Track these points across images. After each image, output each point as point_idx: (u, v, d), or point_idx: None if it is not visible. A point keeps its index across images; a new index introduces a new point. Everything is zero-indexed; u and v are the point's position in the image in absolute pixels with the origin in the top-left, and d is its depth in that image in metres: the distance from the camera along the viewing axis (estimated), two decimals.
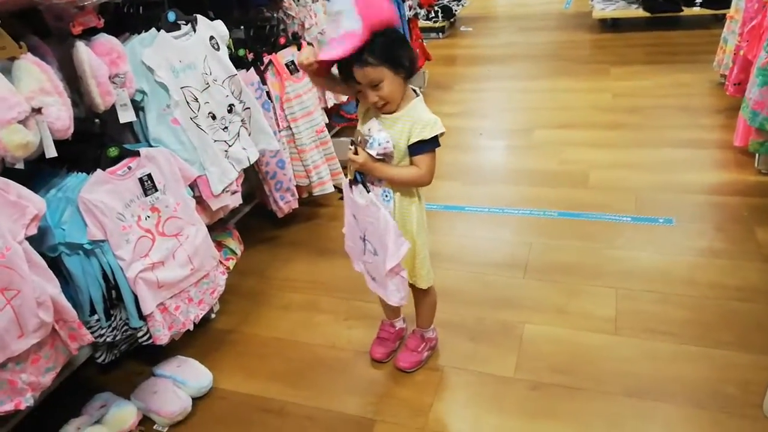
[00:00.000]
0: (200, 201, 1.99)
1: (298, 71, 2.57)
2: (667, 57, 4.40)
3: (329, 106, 2.93)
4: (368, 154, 1.47)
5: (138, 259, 1.65)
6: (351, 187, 1.58)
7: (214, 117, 1.97)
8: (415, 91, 1.55)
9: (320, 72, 1.49)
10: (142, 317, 1.69)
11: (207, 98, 1.94)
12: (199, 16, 1.95)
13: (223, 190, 2.01)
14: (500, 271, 2.22)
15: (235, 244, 2.42)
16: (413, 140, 1.49)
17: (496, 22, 6.71)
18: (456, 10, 6.12)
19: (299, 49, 2.59)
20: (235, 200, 2.11)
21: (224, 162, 2.01)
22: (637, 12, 5.22)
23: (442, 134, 1.48)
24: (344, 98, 3.05)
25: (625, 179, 2.78)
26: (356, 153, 1.49)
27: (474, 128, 3.57)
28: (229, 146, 2.04)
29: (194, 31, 1.91)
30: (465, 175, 3.03)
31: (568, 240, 2.38)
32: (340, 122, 3.27)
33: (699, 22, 5.08)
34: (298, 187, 2.67)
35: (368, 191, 1.53)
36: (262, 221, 2.74)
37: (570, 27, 5.79)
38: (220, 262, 2.13)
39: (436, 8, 5.79)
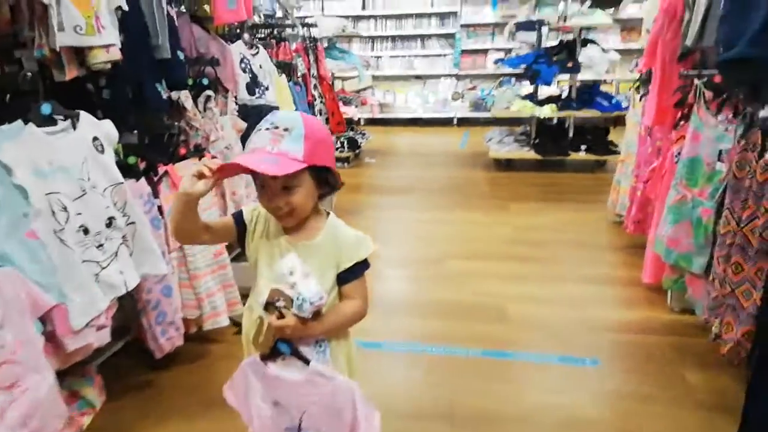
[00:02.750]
0: (53, 337, 1.55)
1: None
2: (561, 196, 4.64)
3: None
4: (297, 316, 1.16)
5: None
6: (266, 362, 1.24)
7: (86, 231, 1.60)
8: (327, 212, 1.32)
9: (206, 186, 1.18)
10: None
11: (80, 208, 1.58)
12: (83, 113, 1.64)
13: (87, 323, 1.58)
14: (427, 424, 1.91)
15: (94, 394, 1.92)
16: (344, 266, 1.23)
17: (397, 156, 6.92)
18: (361, 143, 6.26)
19: None
20: (102, 338, 1.68)
21: (93, 288, 1.61)
22: (528, 154, 5.60)
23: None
24: None
25: (543, 315, 2.66)
26: (280, 315, 1.16)
27: (384, 256, 3.39)
28: (102, 268, 1.65)
29: (74, 128, 1.60)
30: (379, 306, 2.77)
31: (494, 383, 2.14)
32: None
33: (583, 166, 5.52)
34: (185, 320, 2.25)
35: (307, 362, 1.20)
36: (135, 361, 2.25)
37: (468, 165, 6.06)
38: (72, 419, 1.65)
39: (342, 139, 5.87)
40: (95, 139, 1.65)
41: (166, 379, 2.23)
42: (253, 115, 2.86)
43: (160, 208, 2.13)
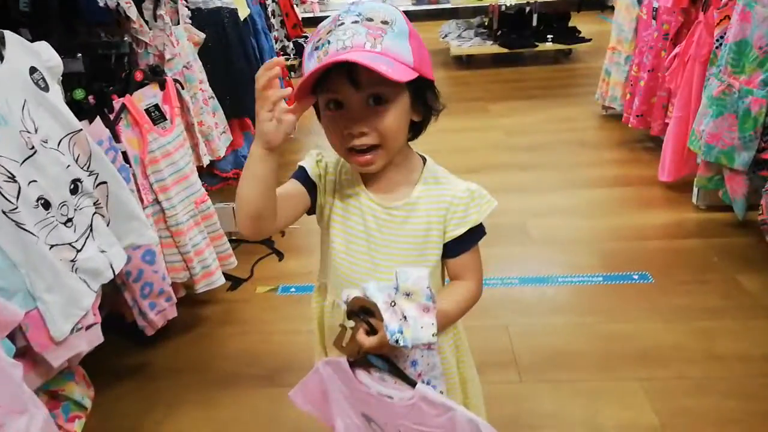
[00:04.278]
0: (28, 352, 1.13)
1: (164, 119, 1.78)
2: (539, 92, 4.33)
3: (205, 165, 2.14)
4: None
5: None
6: (354, 369, 0.88)
7: (47, 205, 1.13)
8: (423, 157, 0.94)
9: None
10: None
11: (33, 174, 1.11)
12: (8, 34, 1.11)
13: (73, 329, 1.16)
14: (493, 373, 1.66)
15: (80, 391, 1.51)
16: (453, 234, 0.88)
17: None
18: None
19: (162, 89, 1.81)
20: (93, 339, 1.27)
21: (70, 280, 1.17)
22: (493, 48, 5.19)
23: None
24: (221, 153, 2.29)
25: (567, 228, 2.44)
26: (369, 329, 0.79)
27: None
28: (78, 251, 1.21)
29: (0, 58, 1.08)
30: None
31: (546, 317, 1.91)
32: (213, 184, 2.47)
33: (547, 57, 5.20)
34: (173, 285, 1.84)
35: (412, 383, 0.84)
36: (118, 342, 1.84)
37: None
38: (60, 428, 1.30)
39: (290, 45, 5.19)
40: (33, 70, 1.13)
41: (160, 358, 1.86)
42: (210, 23, 2.29)
43: (124, 155, 1.64)
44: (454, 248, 0.90)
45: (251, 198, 0.78)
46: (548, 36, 5.04)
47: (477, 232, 0.90)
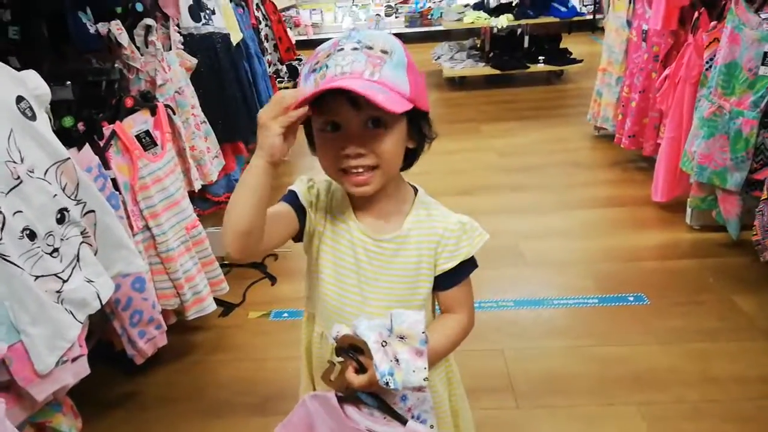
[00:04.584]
0: (12, 386, 1.11)
1: (154, 145, 1.77)
2: (531, 113, 4.34)
3: (196, 190, 2.13)
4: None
5: None
6: (343, 405, 0.86)
7: (32, 236, 1.12)
8: (414, 188, 0.93)
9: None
10: None
11: (18, 204, 1.09)
12: None
13: (58, 361, 1.14)
14: (488, 399, 1.63)
15: (68, 422, 1.48)
16: (444, 267, 0.87)
17: None
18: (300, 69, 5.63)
19: (154, 114, 1.80)
20: (79, 371, 1.25)
21: (55, 312, 1.15)
22: (485, 69, 5.24)
23: None
24: (213, 177, 2.28)
25: (561, 250, 2.43)
26: (359, 367, 0.79)
27: None
28: (64, 281, 1.19)
29: None
30: None
31: (542, 340, 1.89)
32: (205, 208, 2.46)
33: (539, 79, 5.24)
34: (163, 312, 1.82)
35: (403, 421, 0.82)
36: (106, 371, 1.81)
37: None
38: None
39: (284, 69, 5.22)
40: (20, 99, 1.12)
41: (151, 386, 1.83)
42: (202, 49, 2.30)
43: (114, 182, 1.63)
44: (445, 281, 0.89)
45: (243, 211, 0.77)
46: (540, 57, 5.07)
47: (468, 265, 0.89)
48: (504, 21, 4.92)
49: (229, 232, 0.78)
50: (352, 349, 0.78)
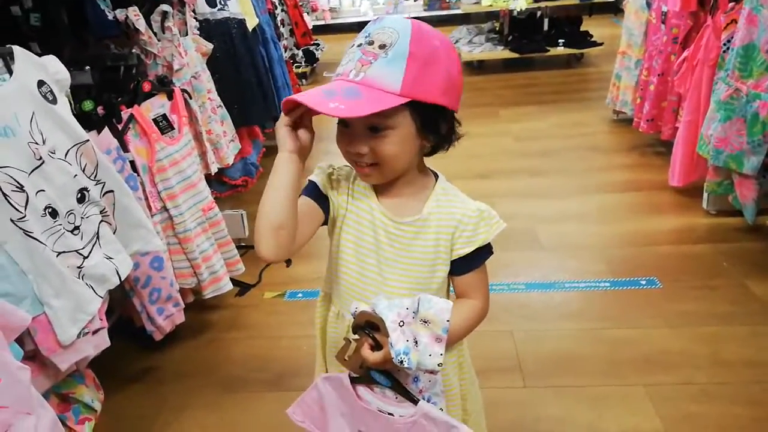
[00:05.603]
0: (37, 355, 1.17)
1: (172, 128, 1.82)
2: (550, 97, 4.31)
3: (213, 173, 2.18)
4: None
5: None
6: (355, 385, 0.90)
7: (54, 213, 1.17)
8: (435, 173, 0.95)
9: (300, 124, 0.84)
10: None
11: (41, 183, 1.14)
12: (18, 49, 1.15)
13: (80, 333, 1.20)
14: (497, 379, 1.66)
15: (90, 393, 1.55)
16: (460, 252, 0.89)
17: None
18: (318, 55, 5.65)
19: (170, 99, 1.85)
20: (100, 343, 1.30)
21: (77, 286, 1.21)
22: (504, 53, 5.19)
23: None
24: (230, 160, 2.32)
25: (577, 234, 2.43)
26: (374, 344, 0.82)
27: None
28: (84, 258, 1.24)
29: (9, 72, 1.12)
30: None
31: (552, 322, 1.91)
32: (222, 191, 2.52)
33: (559, 62, 5.18)
34: (181, 290, 1.88)
35: (414, 401, 0.86)
36: (127, 346, 1.89)
37: None
38: (70, 430, 1.33)
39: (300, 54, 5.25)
40: (41, 83, 1.17)
41: (168, 362, 1.90)
42: (218, 34, 2.34)
43: (132, 164, 1.68)
44: (461, 266, 0.91)
45: (274, 203, 0.79)
46: (560, 40, 5.01)
47: (484, 252, 0.91)
48: (523, 3, 4.86)
49: (261, 229, 0.79)
50: (369, 327, 0.81)
